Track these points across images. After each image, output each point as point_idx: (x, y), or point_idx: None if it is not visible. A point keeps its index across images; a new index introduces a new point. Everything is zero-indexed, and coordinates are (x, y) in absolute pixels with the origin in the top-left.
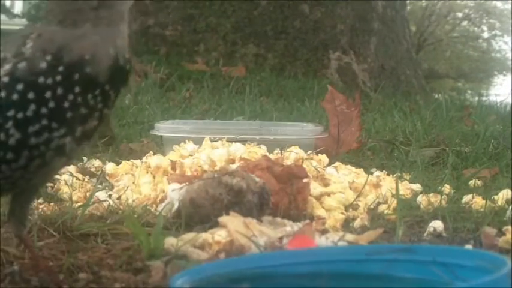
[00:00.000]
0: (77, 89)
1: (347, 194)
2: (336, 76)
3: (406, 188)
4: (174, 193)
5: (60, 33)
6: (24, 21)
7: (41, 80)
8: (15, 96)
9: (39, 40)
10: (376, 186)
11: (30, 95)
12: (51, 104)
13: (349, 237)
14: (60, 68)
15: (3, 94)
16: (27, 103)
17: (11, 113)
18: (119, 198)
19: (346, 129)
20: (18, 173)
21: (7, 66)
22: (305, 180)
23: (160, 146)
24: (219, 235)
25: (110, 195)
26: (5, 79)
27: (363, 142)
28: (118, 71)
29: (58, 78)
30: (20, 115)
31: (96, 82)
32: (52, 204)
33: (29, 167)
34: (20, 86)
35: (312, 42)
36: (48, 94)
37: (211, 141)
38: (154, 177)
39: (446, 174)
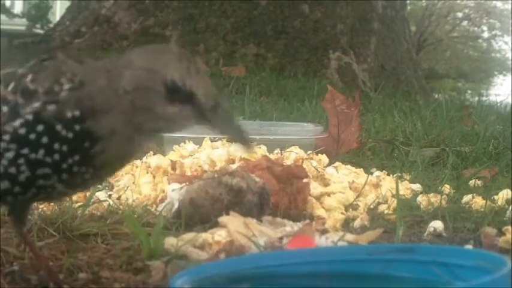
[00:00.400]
0: (76, 157)
1: (347, 194)
2: (336, 76)
3: (406, 188)
4: (174, 193)
5: (104, 103)
6: (24, 21)
7: (58, 128)
8: (32, 136)
9: (81, 91)
10: (376, 186)
11: (44, 140)
12: (56, 156)
13: (349, 237)
14: (77, 127)
15: (22, 131)
16: (40, 147)
17: (25, 151)
18: (119, 198)
19: (346, 129)
20: (23, 201)
21: (36, 104)
22: (305, 180)
23: (160, 146)
24: (219, 235)
25: (110, 195)
26: (29, 117)
27: (363, 142)
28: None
29: (70, 135)
30: (32, 156)
31: (92, 162)
32: (52, 204)
33: (34, 199)
34: (40, 128)
35: (312, 42)
36: (56, 145)
37: (211, 141)
38: (154, 177)
39: (446, 174)
